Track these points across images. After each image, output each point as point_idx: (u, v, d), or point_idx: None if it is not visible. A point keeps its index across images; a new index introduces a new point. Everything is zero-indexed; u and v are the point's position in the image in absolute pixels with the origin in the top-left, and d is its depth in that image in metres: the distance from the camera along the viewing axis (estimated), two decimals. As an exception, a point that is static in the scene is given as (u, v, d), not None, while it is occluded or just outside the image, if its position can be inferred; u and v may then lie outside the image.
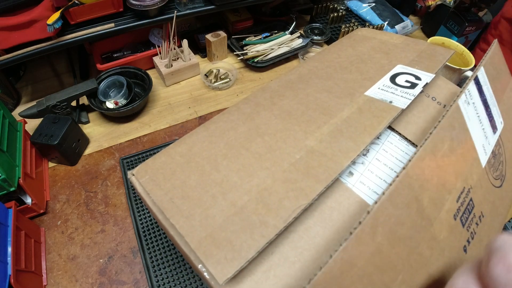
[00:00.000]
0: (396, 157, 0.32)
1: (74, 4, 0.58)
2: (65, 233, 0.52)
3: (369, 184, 0.30)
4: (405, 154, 0.33)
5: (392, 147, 0.33)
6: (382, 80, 0.38)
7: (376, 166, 0.31)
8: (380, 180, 0.30)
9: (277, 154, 0.30)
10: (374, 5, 0.93)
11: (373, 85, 0.37)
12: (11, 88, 0.69)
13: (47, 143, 0.54)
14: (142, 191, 0.29)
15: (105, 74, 0.68)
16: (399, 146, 0.33)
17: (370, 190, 0.29)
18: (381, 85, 0.37)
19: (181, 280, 0.47)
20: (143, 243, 0.50)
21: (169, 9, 0.69)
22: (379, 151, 0.33)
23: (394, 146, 0.33)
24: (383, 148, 0.33)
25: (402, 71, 0.39)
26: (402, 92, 0.35)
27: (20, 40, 0.57)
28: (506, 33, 0.73)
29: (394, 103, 0.34)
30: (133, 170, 0.30)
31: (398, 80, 0.37)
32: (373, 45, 0.45)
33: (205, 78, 0.76)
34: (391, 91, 0.36)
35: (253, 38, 0.82)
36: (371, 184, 0.30)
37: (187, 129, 0.66)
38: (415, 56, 0.41)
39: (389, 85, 0.37)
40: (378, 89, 0.36)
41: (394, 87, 0.36)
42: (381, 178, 0.30)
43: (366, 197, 0.29)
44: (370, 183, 0.30)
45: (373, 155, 0.32)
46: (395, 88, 0.36)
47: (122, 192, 0.56)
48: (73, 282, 0.47)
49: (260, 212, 0.26)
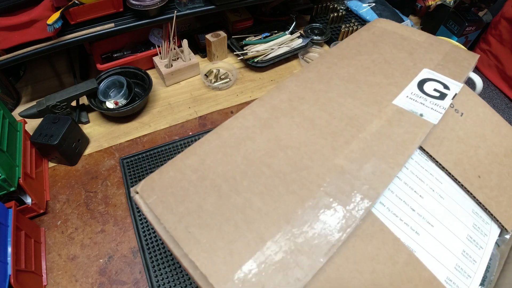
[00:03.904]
0: (417, 175, 0.30)
1: (74, 4, 0.58)
2: (65, 233, 0.52)
3: (389, 206, 0.28)
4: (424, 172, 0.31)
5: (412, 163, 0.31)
6: (409, 86, 0.35)
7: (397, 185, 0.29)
8: (400, 201, 0.28)
9: (304, 175, 0.27)
10: (374, 5, 0.93)
11: (401, 93, 0.34)
12: (11, 88, 0.69)
13: (47, 143, 0.54)
14: (151, 216, 0.25)
15: (105, 74, 0.68)
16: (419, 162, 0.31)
17: (390, 213, 0.27)
18: (409, 93, 0.34)
19: (181, 280, 0.47)
20: (143, 243, 0.50)
21: (169, 9, 0.69)
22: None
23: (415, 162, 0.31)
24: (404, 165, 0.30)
25: (429, 77, 0.36)
26: (432, 104, 0.33)
27: (20, 40, 0.57)
28: (506, 33, 0.73)
29: (425, 117, 0.31)
30: (137, 186, 0.27)
31: (426, 88, 0.35)
32: (395, 42, 0.41)
33: (205, 78, 0.76)
34: (421, 101, 0.33)
35: (253, 38, 0.82)
36: (391, 206, 0.28)
37: (187, 129, 0.66)
38: (440, 59, 0.39)
39: (418, 94, 0.34)
40: (407, 97, 0.34)
41: (423, 97, 0.34)
42: (401, 199, 0.29)
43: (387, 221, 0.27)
44: (391, 205, 0.28)
45: None
46: (424, 98, 0.34)
47: (122, 192, 0.56)
48: (73, 282, 0.47)
49: (293, 250, 0.23)
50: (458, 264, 0.27)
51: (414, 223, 0.28)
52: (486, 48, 0.79)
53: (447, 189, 0.31)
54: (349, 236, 0.24)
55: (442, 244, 0.28)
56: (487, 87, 0.77)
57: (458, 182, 0.32)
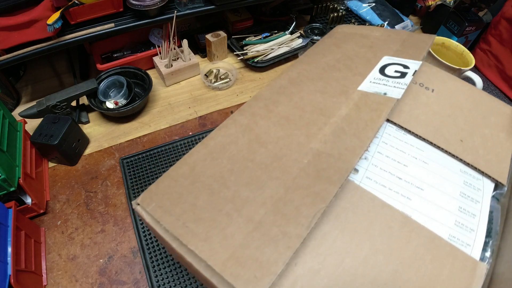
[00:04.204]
0: (397, 148, 0.32)
1: (74, 4, 0.58)
2: (65, 233, 0.52)
3: (375, 179, 0.30)
4: (404, 144, 0.33)
5: (390, 138, 0.33)
6: (372, 73, 0.38)
7: (379, 159, 0.31)
8: (385, 172, 0.30)
9: (284, 161, 0.29)
10: (374, 5, 0.93)
11: (365, 80, 0.37)
12: (11, 88, 0.69)
13: (47, 143, 0.54)
14: (151, 220, 0.27)
15: (105, 74, 0.68)
16: (397, 136, 0.33)
17: (377, 184, 0.29)
18: (372, 78, 0.37)
19: (181, 280, 0.47)
20: (143, 243, 0.50)
21: (169, 9, 0.69)
22: (379, 144, 0.33)
23: (393, 137, 0.33)
24: (382, 140, 0.33)
25: (390, 62, 0.39)
26: (394, 83, 0.35)
27: (20, 40, 0.57)
28: (506, 33, 0.73)
29: (388, 94, 0.34)
30: (137, 199, 0.29)
31: (387, 71, 0.38)
32: (356, 41, 0.45)
33: (205, 78, 0.76)
34: (383, 82, 0.36)
35: (253, 38, 0.82)
36: (377, 178, 0.30)
37: (187, 129, 0.66)
38: (399, 46, 0.41)
39: (380, 77, 0.37)
40: (370, 82, 0.36)
41: (385, 79, 0.36)
42: (386, 170, 0.30)
43: (377, 192, 0.29)
44: (377, 177, 0.30)
45: (374, 148, 0.32)
46: (386, 79, 0.36)
47: (122, 192, 0.57)
48: (73, 282, 0.47)
49: (280, 223, 0.25)
50: (458, 220, 0.28)
51: (404, 189, 0.29)
52: (486, 48, 0.79)
53: (430, 155, 0.33)
54: (340, 210, 0.27)
55: (436, 204, 0.29)
56: (487, 87, 0.77)
57: (441, 149, 0.33)
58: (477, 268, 0.25)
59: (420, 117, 0.35)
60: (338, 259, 0.24)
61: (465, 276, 0.24)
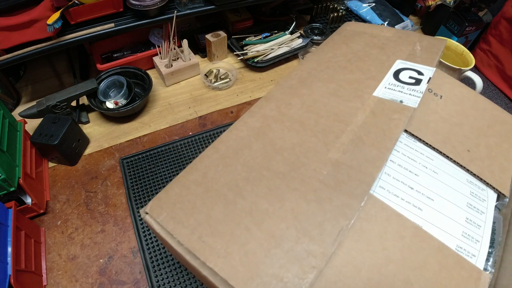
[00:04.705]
0: (408, 156, 0.32)
1: (74, 4, 0.58)
2: (65, 233, 0.52)
3: (388, 188, 0.29)
4: (415, 152, 0.32)
5: (402, 146, 0.33)
6: (386, 78, 0.37)
7: (392, 168, 0.31)
8: (398, 182, 0.30)
9: (302, 171, 0.28)
10: (374, 5, 0.93)
11: (379, 84, 0.37)
12: (11, 88, 0.69)
13: (47, 143, 0.54)
14: (163, 232, 0.26)
15: (105, 74, 0.68)
16: (408, 144, 0.33)
17: (390, 194, 0.29)
18: (387, 84, 0.37)
19: (181, 280, 0.47)
20: (143, 243, 0.50)
21: (169, 9, 0.69)
22: (392, 152, 0.32)
23: (404, 145, 0.33)
24: (395, 148, 0.32)
25: (403, 67, 0.39)
26: (409, 90, 0.35)
27: (20, 40, 0.57)
28: (506, 33, 0.73)
29: (404, 103, 0.34)
30: (146, 207, 0.27)
31: (401, 76, 0.37)
32: (366, 40, 0.44)
33: (205, 78, 0.76)
34: (398, 89, 0.36)
35: (253, 38, 0.82)
36: (390, 188, 0.29)
37: (187, 129, 0.66)
38: (411, 49, 0.41)
39: (395, 83, 0.36)
40: (385, 88, 0.36)
41: (401, 85, 0.36)
42: (399, 180, 0.30)
43: (389, 202, 0.28)
44: (390, 187, 0.29)
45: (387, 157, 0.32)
46: (402, 86, 0.36)
47: (122, 192, 0.57)
48: (73, 282, 0.47)
49: (303, 241, 0.24)
50: (465, 231, 0.28)
51: (415, 200, 0.29)
52: (486, 48, 0.79)
53: (439, 164, 0.33)
54: (354, 220, 0.26)
55: (445, 215, 0.29)
56: (487, 87, 0.77)
57: (450, 159, 0.33)
58: (482, 277, 0.25)
59: (429, 125, 0.35)
60: (354, 271, 0.24)
61: (471, 286, 0.25)
